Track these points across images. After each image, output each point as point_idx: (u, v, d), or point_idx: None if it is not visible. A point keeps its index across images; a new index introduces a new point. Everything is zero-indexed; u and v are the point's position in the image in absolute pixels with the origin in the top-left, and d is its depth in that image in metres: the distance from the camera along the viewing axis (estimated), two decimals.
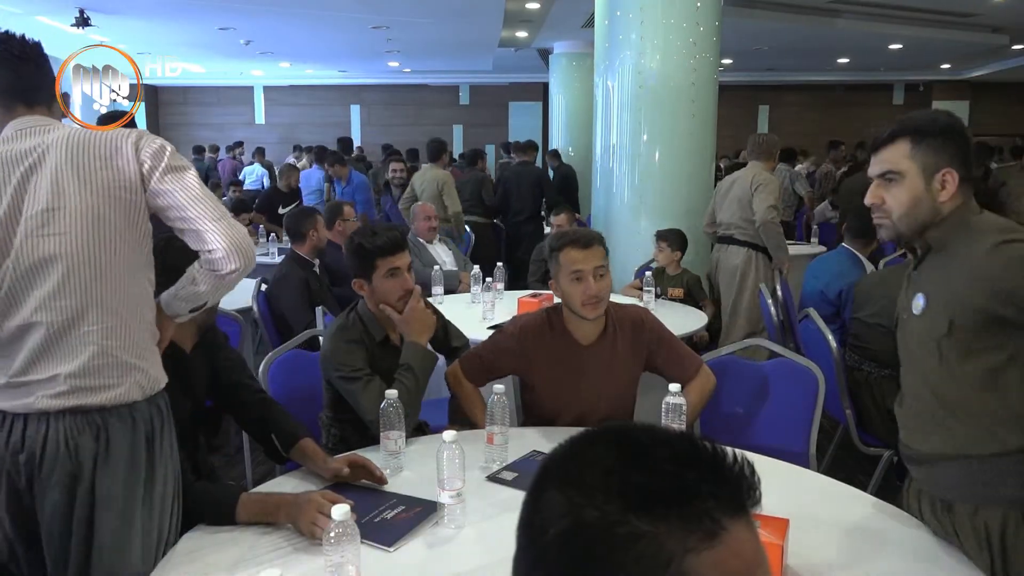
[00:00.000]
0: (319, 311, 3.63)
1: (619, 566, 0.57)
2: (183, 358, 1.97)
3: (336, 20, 9.32)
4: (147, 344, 1.67)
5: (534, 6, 8.96)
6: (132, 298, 1.64)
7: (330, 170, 7.71)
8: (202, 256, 1.65)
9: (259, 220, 7.13)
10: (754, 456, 0.59)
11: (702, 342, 4.13)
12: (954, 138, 1.64)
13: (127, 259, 1.62)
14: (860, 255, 3.82)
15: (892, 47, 11.87)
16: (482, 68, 14.57)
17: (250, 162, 12.39)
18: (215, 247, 1.62)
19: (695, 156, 5.07)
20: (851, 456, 3.32)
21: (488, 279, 4.09)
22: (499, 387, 2.08)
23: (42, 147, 1.60)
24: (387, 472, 1.93)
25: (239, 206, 6.83)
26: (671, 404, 2.01)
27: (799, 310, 3.72)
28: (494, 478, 1.95)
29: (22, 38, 1.72)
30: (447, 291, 4.31)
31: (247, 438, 2.65)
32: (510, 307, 3.83)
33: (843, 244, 3.91)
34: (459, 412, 2.55)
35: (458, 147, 16.19)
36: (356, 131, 16.55)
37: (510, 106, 16.49)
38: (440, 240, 5.10)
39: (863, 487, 2.00)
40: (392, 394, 2.00)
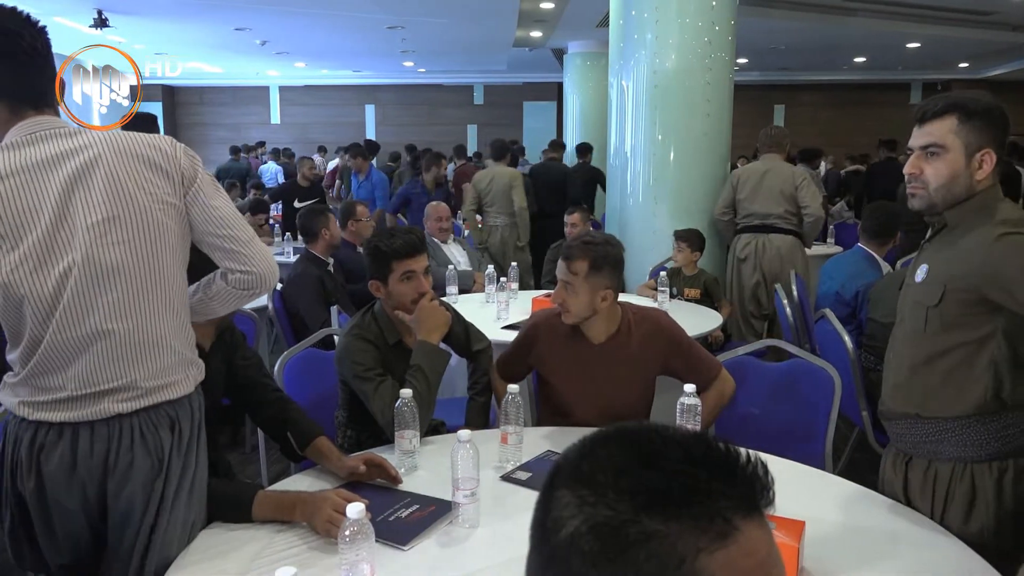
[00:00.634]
0: (334, 310, 3.65)
1: (631, 565, 0.57)
2: (201, 356, 1.98)
3: (351, 20, 9.36)
4: (194, 337, 1.72)
5: (548, 6, 8.95)
6: (185, 295, 1.68)
7: (351, 162, 7.74)
8: (233, 275, 1.66)
9: (276, 219, 7.20)
10: (769, 457, 0.58)
11: (716, 342, 4.11)
12: (996, 121, 1.73)
13: (182, 261, 1.65)
14: (876, 255, 3.79)
15: (909, 46, 11.78)
16: (496, 68, 14.59)
17: (264, 161, 12.49)
18: (253, 269, 1.65)
19: (710, 156, 5.05)
20: (867, 458, 3.29)
21: (503, 278, 4.10)
22: (513, 387, 2.08)
23: (86, 151, 1.53)
24: (402, 471, 1.93)
25: (257, 207, 6.87)
26: (686, 405, 2.01)
27: (815, 311, 3.70)
28: (508, 478, 1.95)
29: (31, 25, 1.57)
30: (461, 291, 4.32)
31: (263, 436, 2.67)
32: (524, 306, 3.83)
33: (859, 244, 3.88)
34: (476, 415, 2.56)
35: (472, 147, 16.21)
36: (370, 131, 16.61)
37: (524, 106, 16.50)
38: (454, 240, 5.11)
39: (879, 489, 1.98)
40: (407, 393, 2.00)
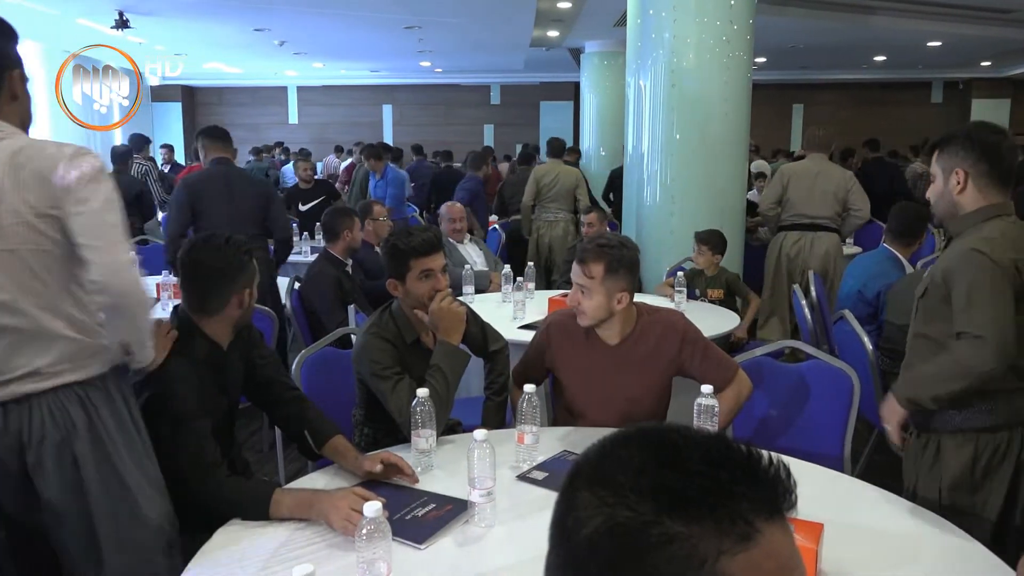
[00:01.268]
0: (351, 309, 3.67)
1: (652, 567, 0.57)
2: (219, 356, 2.00)
3: (369, 20, 9.39)
4: (97, 327, 1.77)
5: (566, 5, 8.94)
6: (80, 295, 1.74)
7: (366, 163, 7.77)
8: (88, 283, 1.73)
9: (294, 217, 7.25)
10: (787, 459, 0.58)
11: (739, 343, 4.09)
12: (965, 144, 1.99)
13: (73, 265, 1.71)
14: (901, 256, 3.76)
15: (930, 44, 11.66)
16: (513, 68, 14.58)
17: (285, 161, 12.60)
18: (98, 278, 1.70)
19: (728, 155, 5.03)
20: (886, 461, 3.26)
21: (519, 278, 4.09)
22: (529, 387, 2.08)
23: None
24: (418, 470, 1.94)
25: None
26: (703, 405, 2.00)
27: (835, 311, 3.67)
28: (524, 477, 1.95)
29: None
30: (477, 291, 4.33)
31: (280, 435, 2.68)
32: (541, 307, 3.83)
33: (883, 244, 3.85)
34: (493, 414, 2.56)
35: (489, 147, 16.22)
36: (387, 131, 16.67)
37: (541, 106, 16.49)
38: (471, 240, 5.11)
39: (899, 492, 1.96)
40: (424, 393, 2.01)
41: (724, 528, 0.57)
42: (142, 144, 7.75)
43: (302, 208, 6.99)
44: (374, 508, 1.44)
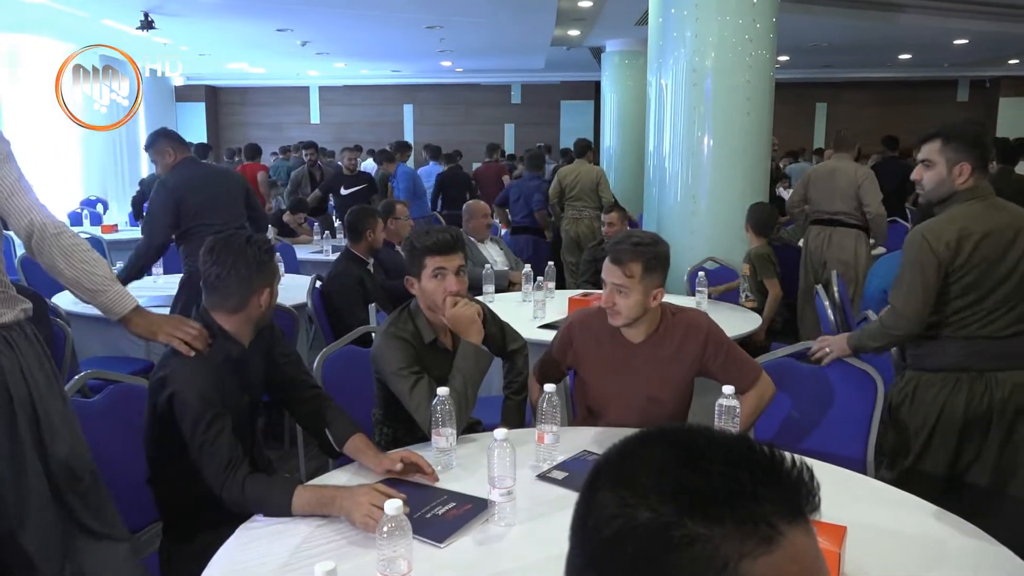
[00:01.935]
0: (372, 308, 3.68)
1: (673, 568, 0.56)
2: (241, 353, 2.01)
3: (391, 20, 9.42)
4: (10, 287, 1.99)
5: (587, 4, 8.92)
6: None
7: (381, 167, 7.88)
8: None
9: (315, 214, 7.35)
10: (810, 461, 0.57)
11: (759, 344, 4.06)
12: (970, 141, 2.36)
13: None
14: None
15: (957, 42, 11.50)
16: (534, 67, 14.56)
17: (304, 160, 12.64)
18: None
19: (750, 155, 4.99)
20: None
21: (540, 278, 4.09)
22: (550, 386, 2.08)
23: None
24: (438, 469, 1.94)
25: (297, 206, 6.97)
26: (724, 406, 1.99)
27: (859, 311, 3.63)
28: (544, 477, 1.95)
29: None
30: (497, 290, 4.33)
31: (301, 432, 2.70)
32: (561, 306, 3.83)
33: None
34: (512, 414, 2.56)
35: (510, 147, 16.22)
36: (408, 130, 16.71)
37: (561, 105, 16.45)
38: (491, 239, 5.12)
39: (923, 495, 1.94)
40: (444, 392, 2.01)
41: (746, 530, 0.56)
42: (204, 152, 8.24)
43: (343, 192, 7.29)
44: (395, 506, 1.45)
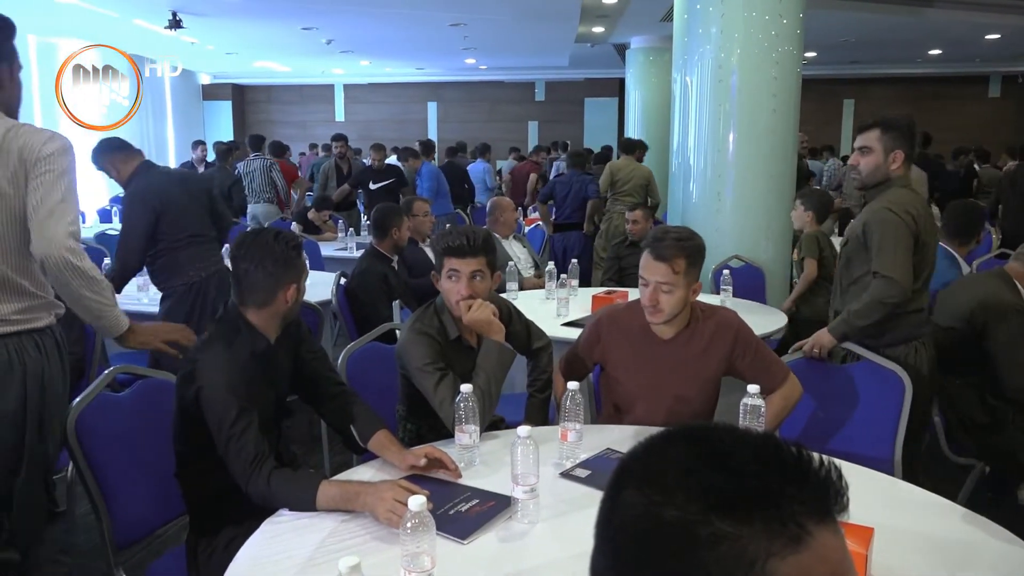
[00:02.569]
0: (395, 305, 3.70)
1: (700, 567, 0.56)
2: (267, 349, 2.03)
3: (415, 18, 9.45)
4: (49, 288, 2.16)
5: (611, 1, 8.89)
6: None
7: (404, 164, 7.93)
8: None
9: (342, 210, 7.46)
10: (836, 462, 0.57)
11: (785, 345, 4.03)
12: (905, 132, 2.71)
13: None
14: (957, 254, 3.65)
15: (988, 37, 11.32)
16: (558, 64, 14.54)
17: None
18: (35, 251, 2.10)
19: (776, 152, 4.94)
20: (939, 464, 3.19)
21: (563, 275, 4.09)
22: (573, 384, 2.08)
23: None
24: (461, 465, 1.95)
25: (321, 203, 7.02)
26: (749, 405, 1.97)
27: None
28: (567, 475, 1.95)
29: None
30: (520, 288, 4.34)
31: (325, 428, 2.72)
32: (584, 304, 3.82)
33: (939, 243, 3.75)
34: (536, 411, 2.56)
35: (532, 143, 16.21)
36: (432, 128, 16.76)
37: (585, 102, 16.41)
38: (515, 237, 5.12)
39: (951, 497, 1.91)
40: (467, 389, 2.02)
41: (774, 530, 0.56)
42: (259, 143, 8.36)
43: (372, 187, 7.42)
44: (419, 502, 1.45)
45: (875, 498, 1.82)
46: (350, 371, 2.67)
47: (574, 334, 2.64)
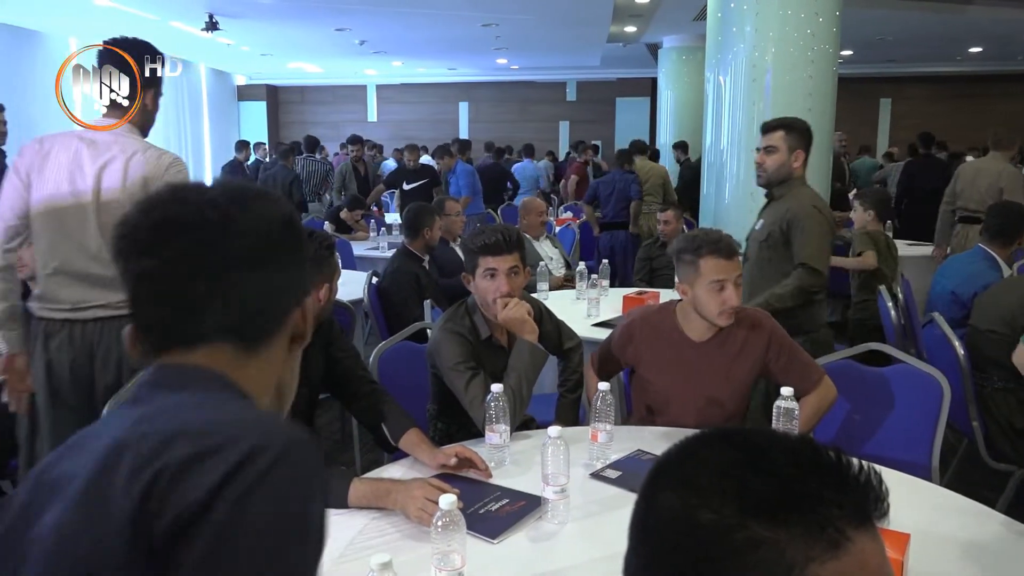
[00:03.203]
0: (427, 304, 3.72)
1: (736, 572, 0.55)
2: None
3: (447, 18, 9.49)
4: None
5: (644, 0, 8.85)
6: None
7: (439, 163, 7.96)
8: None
9: (376, 215, 7.49)
10: (875, 467, 0.56)
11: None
12: (805, 134, 3.00)
13: None
14: (998, 257, 3.58)
15: None
16: (590, 64, 14.51)
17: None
18: None
19: (811, 152, 4.88)
20: (977, 470, 3.12)
21: (594, 275, 4.08)
22: (604, 385, 2.07)
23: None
24: (491, 465, 1.95)
25: (354, 203, 7.07)
26: (783, 408, 1.95)
27: (925, 313, 3.53)
28: (598, 476, 1.95)
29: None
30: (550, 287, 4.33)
31: (357, 426, 2.74)
32: (615, 304, 3.80)
33: (979, 245, 3.67)
34: (567, 411, 2.56)
35: (564, 144, 16.18)
36: (464, 128, 16.80)
37: (617, 102, 16.34)
38: (546, 237, 5.12)
39: (989, 504, 1.88)
40: (498, 388, 2.02)
41: (813, 534, 0.55)
42: (314, 144, 8.73)
43: (406, 187, 7.48)
44: (449, 500, 1.46)
45: (912, 503, 1.78)
46: (381, 370, 2.68)
47: (604, 335, 2.63)
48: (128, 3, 8.23)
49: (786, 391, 1.98)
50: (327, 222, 6.87)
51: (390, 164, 12.33)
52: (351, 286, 4.03)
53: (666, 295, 3.48)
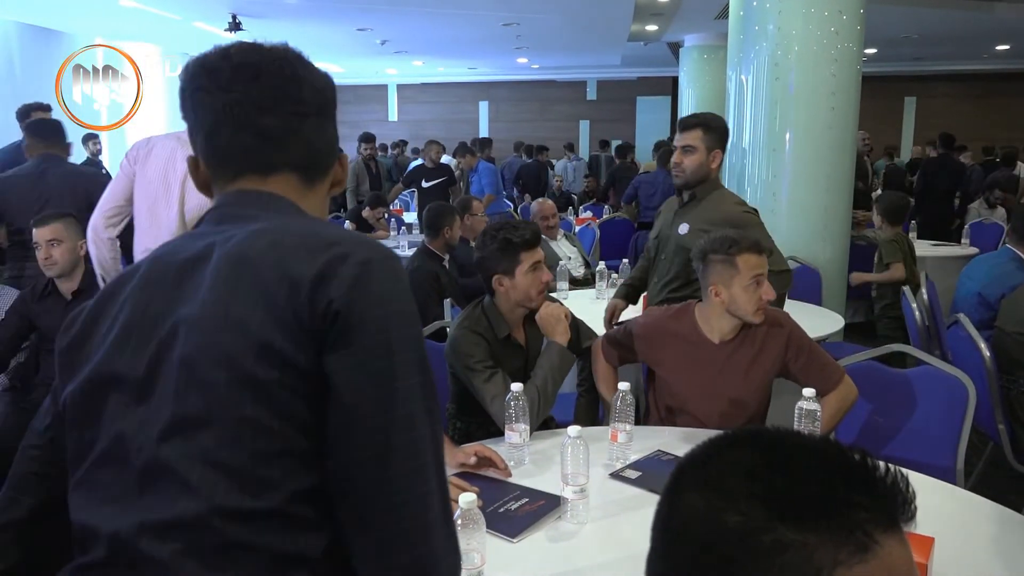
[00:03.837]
0: (447, 303, 3.73)
1: (762, 574, 0.55)
2: None
3: (468, 18, 9.50)
4: None
5: None
6: None
7: (461, 161, 7.99)
8: None
9: (397, 213, 7.53)
10: (902, 469, 0.55)
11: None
12: (723, 133, 2.90)
13: None
14: None
15: None
16: (610, 63, 14.46)
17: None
18: None
19: (834, 151, 4.83)
20: (1002, 473, 3.08)
21: (614, 275, 4.07)
22: (624, 384, 2.07)
23: None
24: (511, 464, 1.95)
25: (375, 201, 7.11)
26: (805, 409, 1.93)
27: (950, 315, 3.49)
28: (617, 476, 1.94)
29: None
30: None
31: None
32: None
33: (1007, 245, 3.63)
34: (585, 411, 2.55)
35: (584, 143, 16.14)
36: (484, 127, 16.82)
37: (637, 101, 16.28)
38: (564, 235, 5.11)
39: (1015, 508, 1.85)
40: (518, 387, 2.02)
41: (841, 538, 0.54)
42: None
43: (424, 185, 7.49)
44: (468, 499, 1.46)
45: (935, 507, 1.76)
46: None
47: None
48: (153, 3, 8.31)
49: (808, 392, 1.96)
50: (348, 221, 6.91)
51: (419, 162, 12.39)
52: None
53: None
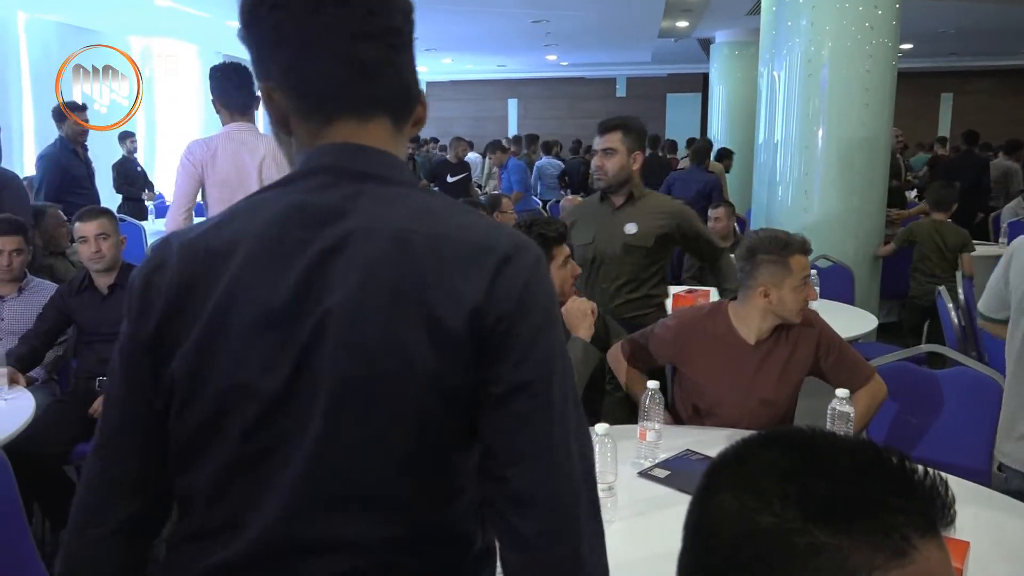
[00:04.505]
0: None
1: None
2: None
3: (499, 15, 9.51)
4: None
5: None
6: None
7: (491, 157, 8.03)
8: None
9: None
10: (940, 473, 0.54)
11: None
12: (642, 134, 3.02)
13: None
14: None
15: None
16: (640, 60, 14.39)
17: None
18: None
19: (868, 148, 4.77)
20: None
21: None
22: (653, 384, 2.06)
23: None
24: None
25: None
26: (838, 411, 1.91)
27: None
28: (646, 475, 1.93)
29: None
30: None
31: None
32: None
33: None
34: (614, 409, 2.54)
35: None
36: (513, 125, 16.84)
37: (667, 98, 16.18)
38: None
39: None
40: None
41: (877, 542, 0.53)
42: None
43: (449, 180, 7.65)
44: None
45: (970, 510, 1.73)
46: None
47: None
48: (186, 3, 8.42)
49: (841, 393, 1.94)
50: None
51: (444, 157, 12.49)
52: None
53: (715, 294, 3.44)
